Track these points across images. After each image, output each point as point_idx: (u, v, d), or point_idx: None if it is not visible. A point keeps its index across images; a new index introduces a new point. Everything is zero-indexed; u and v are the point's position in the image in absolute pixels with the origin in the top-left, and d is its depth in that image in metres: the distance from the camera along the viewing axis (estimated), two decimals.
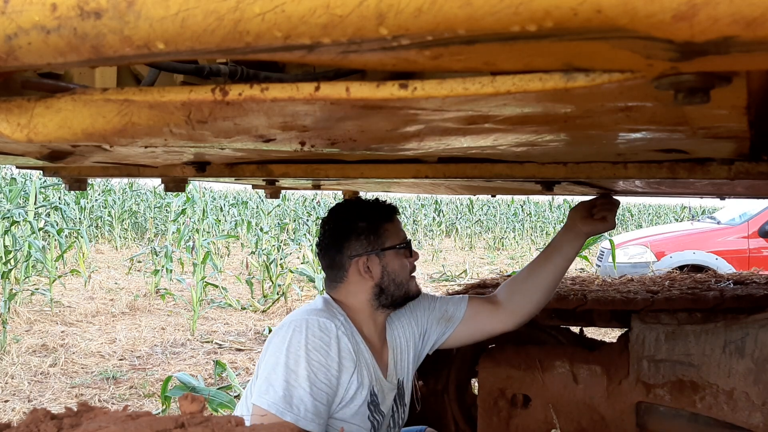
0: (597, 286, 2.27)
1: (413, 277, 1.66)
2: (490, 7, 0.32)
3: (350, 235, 1.61)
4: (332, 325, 1.50)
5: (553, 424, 2.07)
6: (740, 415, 1.77)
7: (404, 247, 1.64)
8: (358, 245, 1.60)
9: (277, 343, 1.48)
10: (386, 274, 1.60)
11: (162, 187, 1.61)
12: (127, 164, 1.41)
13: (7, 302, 5.11)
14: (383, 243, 1.61)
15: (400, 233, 1.66)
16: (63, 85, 0.67)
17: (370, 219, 1.62)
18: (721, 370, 1.82)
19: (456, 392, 2.32)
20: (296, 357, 1.44)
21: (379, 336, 1.67)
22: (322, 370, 1.45)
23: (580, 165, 1.20)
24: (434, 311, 1.78)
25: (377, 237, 1.61)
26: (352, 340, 1.54)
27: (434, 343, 1.80)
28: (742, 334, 1.78)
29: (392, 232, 1.63)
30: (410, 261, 1.66)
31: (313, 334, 1.47)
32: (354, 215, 1.64)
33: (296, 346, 1.45)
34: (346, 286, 1.62)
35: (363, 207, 1.66)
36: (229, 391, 3.98)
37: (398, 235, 1.64)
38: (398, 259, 1.62)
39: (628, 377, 1.98)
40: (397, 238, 1.63)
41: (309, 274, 7.33)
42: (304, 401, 1.41)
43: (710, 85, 0.43)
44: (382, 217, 1.63)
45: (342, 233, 1.62)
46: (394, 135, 0.74)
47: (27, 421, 0.48)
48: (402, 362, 1.73)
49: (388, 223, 1.63)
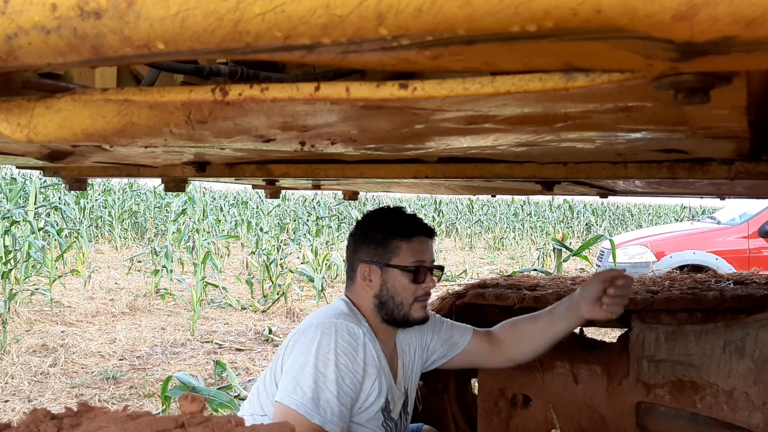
0: None
1: (420, 302, 1.63)
2: (490, 7, 0.32)
3: (365, 240, 1.65)
4: (360, 331, 1.52)
5: (553, 424, 2.07)
6: (740, 415, 1.77)
7: (411, 271, 1.61)
8: (367, 252, 1.64)
9: (305, 344, 1.49)
10: (385, 289, 1.62)
11: (162, 187, 1.62)
12: (127, 164, 1.41)
13: (7, 302, 5.11)
14: (389, 258, 1.62)
15: (418, 256, 1.62)
16: (63, 85, 0.67)
17: (387, 232, 1.63)
18: (721, 370, 1.82)
19: (456, 392, 2.32)
20: (325, 360, 1.45)
21: (391, 342, 1.69)
22: (349, 375, 1.47)
23: (580, 165, 1.20)
24: (441, 332, 1.81)
25: (385, 251, 1.62)
26: (375, 346, 1.57)
27: (434, 362, 1.84)
28: (742, 334, 1.78)
29: (405, 251, 1.62)
30: (420, 286, 1.63)
31: (342, 338, 1.49)
32: (377, 224, 1.67)
33: (325, 348, 1.47)
34: (354, 288, 1.67)
35: (390, 219, 1.67)
36: (229, 391, 3.98)
37: (411, 257, 1.62)
38: (403, 279, 1.61)
39: (628, 377, 1.98)
40: (408, 259, 1.61)
41: (309, 274, 7.34)
42: (330, 404, 1.43)
43: (710, 85, 0.43)
44: (400, 234, 1.62)
45: (362, 237, 1.67)
46: (394, 135, 0.74)
47: (27, 421, 0.48)
48: (409, 370, 1.76)
49: (404, 241, 1.62)
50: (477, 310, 2.19)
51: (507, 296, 2.07)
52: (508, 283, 2.24)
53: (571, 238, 16.70)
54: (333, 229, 13.12)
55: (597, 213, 21.67)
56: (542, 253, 10.94)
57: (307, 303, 7.17)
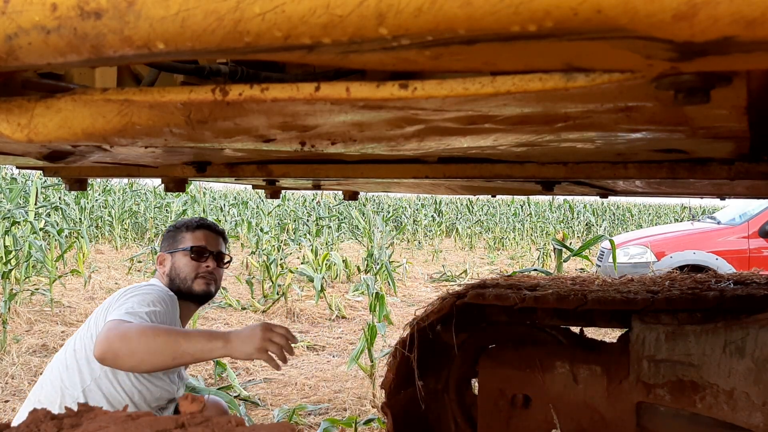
0: (597, 286, 2.27)
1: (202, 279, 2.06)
2: (490, 7, 0.32)
3: (165, 238, 2.17)
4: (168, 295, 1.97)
5: (553, 424, 2.07)
6: (740, 415, 1.77)
7: (191, 250, 2.06)
8: (163, 245, 2.15)
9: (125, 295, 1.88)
10: (173, 269, 2.07)
11: (162, 187, 1.62)
12: (127, 164, 1.41)
13: (7, 302, 5.11)
14: (176, 246, 2.09)
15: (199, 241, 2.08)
16: (63, 85, 0.67)
17: (178, 228, 2.14)
18: (721, 370, 1.82)
19: (456, 392, 2.32)
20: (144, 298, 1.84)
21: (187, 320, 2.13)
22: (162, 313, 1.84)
23: (580, 165, 1.20)
24: None
25: (174, 241, 2.11)
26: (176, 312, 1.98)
27: None
28: (742, 334, 1.78)
29: (188, 239, 2.09)
30: (200, 264, 2.06)
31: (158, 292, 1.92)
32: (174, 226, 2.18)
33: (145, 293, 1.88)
34: (157, 275, 2.13)
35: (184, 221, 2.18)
36: (229, 391, 3.98)
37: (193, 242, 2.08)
38: (184, 258, 2.06)
39: (628, 377, 1.98)
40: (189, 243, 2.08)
41: (309, 274, 7.33)
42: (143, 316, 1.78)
43: (710, 85, 0.43)
44: (186, 227, 2.12)
45: (163, 237, 2.20)
46: (394, 135, 0.74)
47: (27, 421, 0.48)
48: None
49: (188, 232, 2.11)
50: (477, 310, 2.19)
51: (507, 296, 2.07)
52: (509, 283, 2.24)
53: (571, 238, 16.70)
54: (333, 229, 13.12)
55: (597, 213, 21.66)
56: (542, 253, 10.93)
57: (307, 303, 7.16)
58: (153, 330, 1.68)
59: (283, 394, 4.16)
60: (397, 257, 11.51)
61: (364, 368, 4.09)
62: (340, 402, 3.99)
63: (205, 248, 2.08)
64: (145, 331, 1.66)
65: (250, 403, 3.94)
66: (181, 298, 2.03)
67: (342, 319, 6.62)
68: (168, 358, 1.64)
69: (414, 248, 15.19)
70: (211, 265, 2.08)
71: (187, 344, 1.64)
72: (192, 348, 1.64)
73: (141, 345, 1.64)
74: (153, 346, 1.64)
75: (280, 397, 4.09)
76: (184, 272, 2.04)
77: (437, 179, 1.34)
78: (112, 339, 1.66)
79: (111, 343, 1.66)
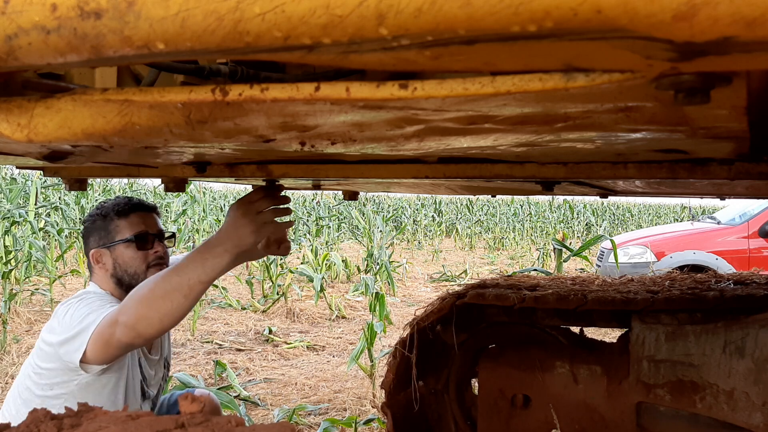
0: (597, 286, 2.27)
1: (155, 268, 1.79)
2: (490, 7, 0.32)
3: (90, 231, 1.84)
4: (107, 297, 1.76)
5: (553, 425, 2.07)
6: (740, 415, 1.77)
7: (133, 240, 1.79)
8: (94, 240, 1.83)
9: (63, 313, 1.66)
10: (117, 266, 1.79)
11: (162, 187, 1.62)
12: (127, 164, 1.41)
13: (7, 302, 5.11)
14: (113, 238, 1.80)
15: (138, 227, 1.80)
16: (63, 85, 0.67)
17: (106, 217, 1.82)
18: (721, 370, 1.82)
19: (456, 392, 2.32)
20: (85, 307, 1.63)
21: None
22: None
23: (580, 165, 1.20)
24: None
25: (108, 233, 1.81)
26: None
27: None
28: (742, 334, 1.78)
29: (125, 227, 1.80)
30: (148, 253, 1.80)
31: (94, 297, 1.70)
32: (98, 214, 1.85)
33: (84, 303, 1.65)
34: (95, 275, 1.83)
35: (108, 206, 1.85)
36: (230, 391, 3.98)
37: (131, 229, 1.80)
38: (128, 250, 1.79)
39: (628, 377, 1.98)
40: (128, 232, 1.80)
41: (309, 274, 7.33)
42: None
43: (710, 85, 0.43)
44: (117, 214, 1.81)
45: (87, 229, 1.85)
46: (394, 135, 0.74)
47: (27, 421, 0.48)
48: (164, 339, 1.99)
49: (122, 219, 1.81)
50: (477, 310, 2.19)
51: (507, 296, 2.07)
52: (508, 283, 2.24)
53: (571, 238, 16.69)
54: (333, 229, 13.11)
55: (597, 213, 21.66)
56: (542, 253, 10.93)
57: (307, 303, 7.16)
58: (144, 288, 1.47)
59: (283, 394, 4.16)
60: (397, 257, 11.51)
61: (364, 368, 4.09)
62: (340, 402, 3.99)
63: (147, 233, 1.82)
64: (141, 295, 1.46)
65: (250, 403, 3.94)
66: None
67: (342, 319, 6.62)
68: (180, 298, 1.42)
69: (414, 248, 15.18)
70: (160, 249, 1.83)
71: (188, 273, 1.43)
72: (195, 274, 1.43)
73: (148, 306, 1.44)
74: (159, 297, 1.43)
75: (280, 397, 4.09)
76: (133, 266, 1.78)
77: (437, 179, 1.34)
78: (115, 325, 1.48)
79: (117, 329, 1.47)
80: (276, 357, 5.10)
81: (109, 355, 1.57)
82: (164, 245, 1.86)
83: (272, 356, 5.11)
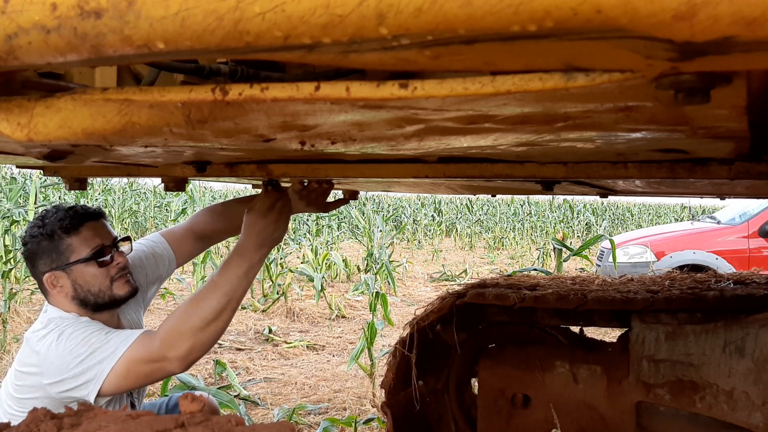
0: (597, 286, 2.27)
1: (119, 280, 1.66)
2: (490, 7, 0.32)
3: (37, 254, 1.63)
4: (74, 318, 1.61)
5: (553, 424, 2.07)
6: (740, 415, 1.77)
7: (92, 258, 1.62)
8: (44, 263, 1.62)
9: (48, 347, 1.53)
10: (78, 287, 1.62)
11: (162, 186, 1.62)
12: (127, 164, 1.41)
13: (7, 302, 5.11)
14: (67, 259, 1.61)
15: (93, 242, 1.63)
16: (63, 84, 0.67)
17: (53, 237, 1.61)
18: (721, 370, 1.82)
19: (456, 392, 2.32)
20: (72, 338, 1.52)
21: (113, 321, 1.73)
22: (96, 334, 1.53)
23: (580, 165, 1.20)
24: (147, 275, 1.93)
25: (60, 254, 1.61)
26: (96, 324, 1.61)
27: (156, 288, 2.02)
28: (742, 334, 1.78)
29: (78, 245, 1.62)
30: (110, 267, 1.65)
31: (77, 328, 1.55)
32: (40, 234, 1.63)
33: (72, 343, 1.51)
34: (52, 298, 1.65)
35: (51, 223, 1.63)
36: (229, 391, 3.98)
37: (86, 246, 1.62)
38: (88, 269, 1.62)
39: (628, 377, 1.98)
40: (84, 250, 1.62)
41: (309, 273, 7.34)
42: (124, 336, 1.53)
43: (710, 85, 0.43)
44: (65, 231, 1.61)
45: (33, 252, 1.64)
46: (394, 134, 0.74)
47: (27, 421, 0.48)
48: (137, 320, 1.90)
49: (72, 236, 1.61)
50: (477, 309, 2.19)
51: (507, 296, 2.07)
52: (508, 283, 2.24)
53: (571, 237, 16.70)
54: (333, 229, 13.11)
55: (597, 213, 21.66)
56: (542, 253, 10.94)
57: (307, 302, 7.17)
58: (194, 317, 1.48)
59: (283, 394, 4.16)
60: (397, 257, 11.51)
61: (364, 368, 4.09)
62: (339, 401, 3.99)
63: (104, 246, 1.65)
64: (193, 326, 1.47)
65: (250, 403, 3.94)
66: (104, 310, 1.66)
67: (342, 319, 6.62)
68: (229, 313, 1.50)
69: (414, 248, 15.18)
70: (121, 260, 1.68)
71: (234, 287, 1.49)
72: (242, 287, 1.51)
73: (203, 332, 1.47)
74: (212, 321, 1.47)
75: (279, 397, 4.10)
76: (97, 284, 1.63)
77: (437, 179, 1.34)
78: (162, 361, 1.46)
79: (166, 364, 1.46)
80: (276, 356, 5.11)
81: (137, 385, 1.54)
82: (122, 252, 1.71)
83: (272, 356, 5.11)
